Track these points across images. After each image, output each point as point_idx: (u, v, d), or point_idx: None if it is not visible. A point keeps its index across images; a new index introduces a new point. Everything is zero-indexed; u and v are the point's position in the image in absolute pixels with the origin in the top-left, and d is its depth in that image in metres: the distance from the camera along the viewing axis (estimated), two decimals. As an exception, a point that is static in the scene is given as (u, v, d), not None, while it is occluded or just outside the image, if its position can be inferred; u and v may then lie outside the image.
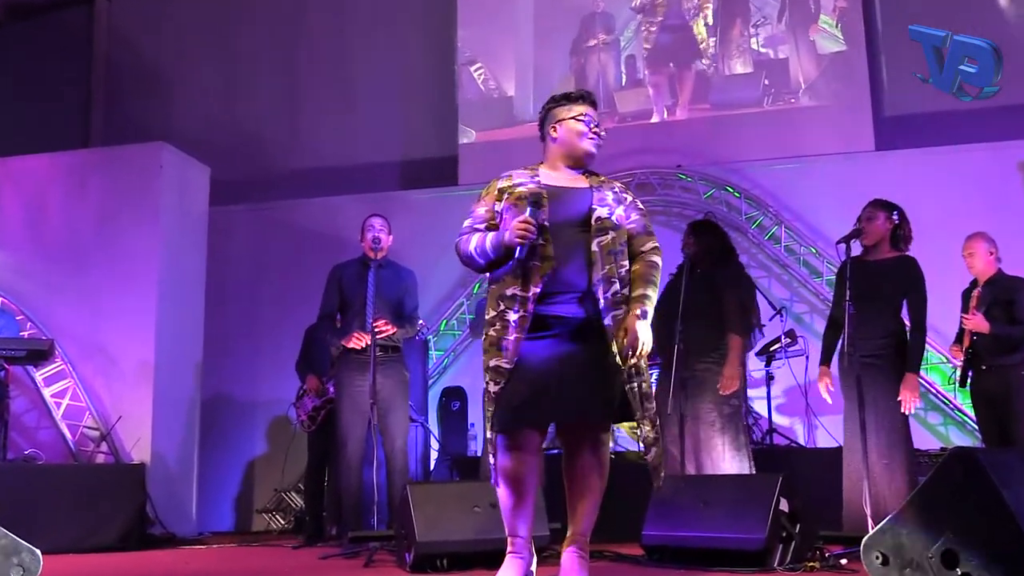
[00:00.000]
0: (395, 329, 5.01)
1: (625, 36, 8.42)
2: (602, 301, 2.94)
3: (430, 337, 7.65)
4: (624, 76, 8.36)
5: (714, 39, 8.12)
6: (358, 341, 4.95)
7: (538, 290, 2.94)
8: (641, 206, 3.18)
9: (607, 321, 2.94)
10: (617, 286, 2.97)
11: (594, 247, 2.98)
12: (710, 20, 8.16)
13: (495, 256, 3.01)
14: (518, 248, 2.93)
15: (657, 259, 3.10)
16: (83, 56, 9.53)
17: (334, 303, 5.23)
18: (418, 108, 8.69)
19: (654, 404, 3.00)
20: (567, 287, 2.96)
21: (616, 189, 3.13)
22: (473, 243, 3.06)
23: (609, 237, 3.00)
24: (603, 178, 3.17)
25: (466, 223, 3.13)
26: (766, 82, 7.89)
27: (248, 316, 8.18)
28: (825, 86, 7.67)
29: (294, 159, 8.81)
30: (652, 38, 8.32)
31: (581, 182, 3.12)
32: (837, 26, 7.74)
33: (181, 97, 9.11)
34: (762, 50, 8.05)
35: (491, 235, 3.03)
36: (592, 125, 3.15)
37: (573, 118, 3.15)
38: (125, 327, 6.43)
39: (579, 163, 3.15)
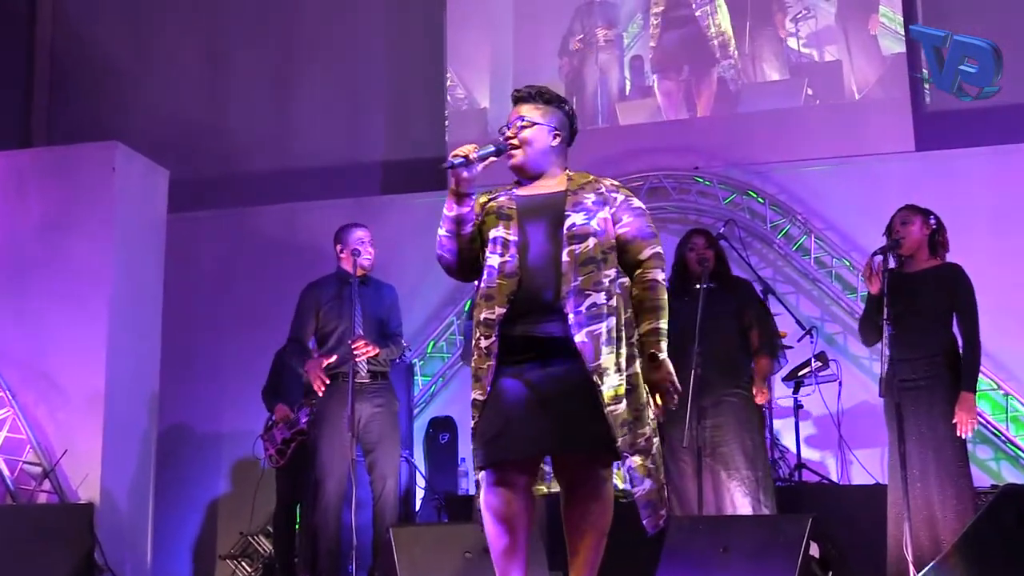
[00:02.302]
0: (377, 350, 5.03)
1: (630, 32, 8.11)
2: (572, 316, 2.95)
3: (415, 361, 7.65)
4: (629, 83, 8.08)
5: (742, 36, 7.81)
6: (320, 384, 4.93)
7: (504, 311, 3.00)
8: (638, 204, 3.17)
9: (581, 338, 2.94)
10: (598, 297, 2.97)
11: (564, 257, 3.00)
12: (736, 13, 7.84)
13: (452, 215, 3.08)
14: (450, 166, 3.01)
15: (657, 275, 3.08)
16: (24, 44, 9.54)
17: (308, 327, 5.22)
18: (404, 104, 8.71)
19: (647, 431, 2.99)
20: (536, 304, 3.01)
21: (603, 189, 3.14)
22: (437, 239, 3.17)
23: (586, 245, 3.01)
24: (590, 178, 3.18)
25: None
26: (809, 91, 7.71)
27: (211, 337, 8.17)
28: (871, 85, 7.56)
29: (263, 160, 8.82)
30: (663, 35, 7.94)
31: (558, 186, 3.15)
32: (902, 21, 7.45)
33: (136, 91, 9.12)
34: (804, 50, 7.77)
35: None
36: (503, 130, 3.18)
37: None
38: (72, 350, 6.42)
39: (527, 176, 3.20)
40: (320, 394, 4.95)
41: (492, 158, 3.10)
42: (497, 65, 8.33)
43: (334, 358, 4.96)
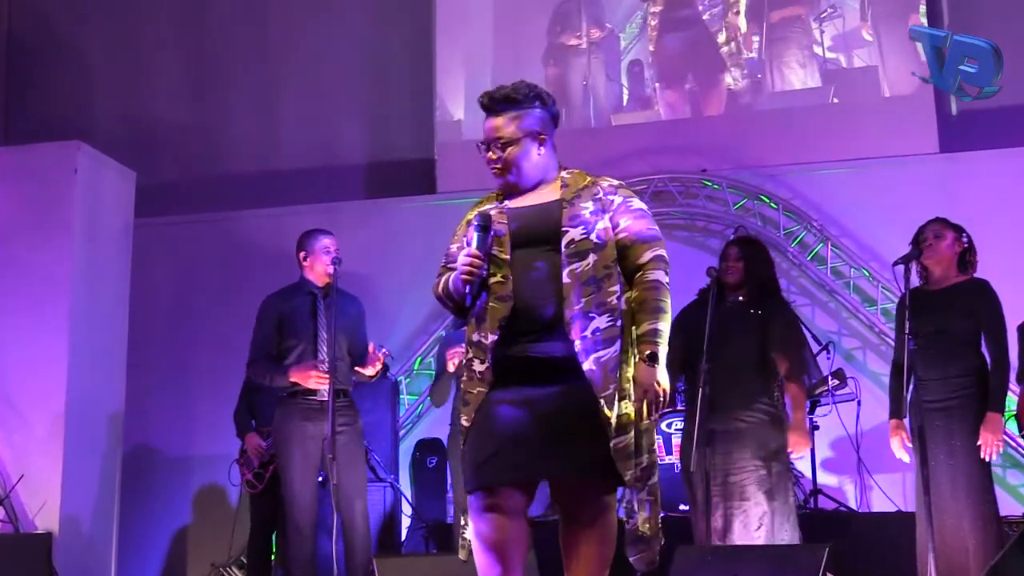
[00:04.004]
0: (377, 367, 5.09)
1: (628, 32, 8.00)
2: (579, 342, 2.94)
3: (401, 379, 7.64)
4: (626, 91, 7.96)
5: (757, 38, 7.72)
6: (319, 381, 4.92)
7: (495, 337, 2.99)
8: (638, 205, 3.13)
9: (589, 365, 2.94)
10: (602, 320, 2.96)
11: (565, 277, 2.98)
12: (751, 12, 7.71)
13: (458, 298, 3.08)
14: (467, 289, 3.00)
15: (659, 276, 3.03)
16: (-20, 36, 9.55)
17: (272, 343, 5.19)
18: (387, 100, 8.70)
19: (644, 460, 3.00)
20: (534, 324, 3.00)
21: (600, 193, 3.11)
22: (441, 285, 3.15)
23: (587, 263, 2.99)
24: (586, 181, 3.15)
25: (442, 264, 3.21)
26: (835, 100, 7.66)
27: (181, 353, 8.16)
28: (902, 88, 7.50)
29: (237, 161, 8.80)
30: (664, 38, 7.76)
31: (552, 194, 3.12)
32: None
33: (101, 88, 9.11)
34: (829, 55, 7.68)
35: (452, 275, 3.10)
36: (483, 150, 3.13)
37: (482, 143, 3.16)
38: (30, 367, 6.39)
39: (520, 193, 3.15)
40: (322, 385, 4.91)
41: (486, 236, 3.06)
42: (473, 74, 8.23)
43: (324, 363, 4.94)
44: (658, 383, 2.94)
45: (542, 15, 8.22)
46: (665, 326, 3.00)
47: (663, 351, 2.97)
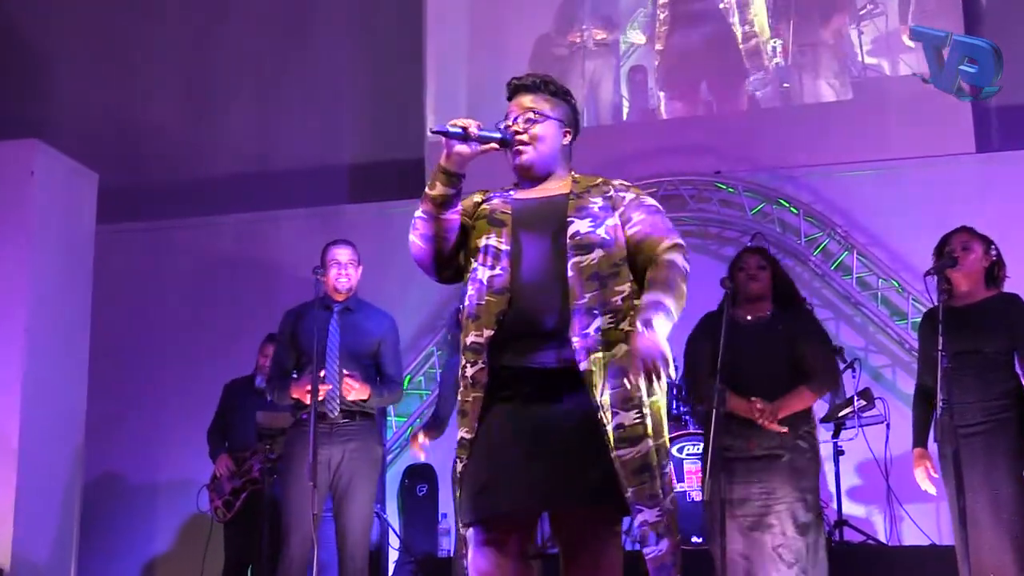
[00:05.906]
0: (368, 392, 5.02)
1: (629, 35, 7.93)
2: (578, 340, 2.91)
3: (388, 399, 7.61)
4: (627, 103, 7.91)
5: (780, 41, 7.66)
6: (305, 395, 4.89)
7: (491, 333, 2.97)
8: (651, 202, 3.15)
9: (586, 366, 2.90)
10: (602, 320, 2.93)
11: (570, 271, 2.97)
12: (777, 7, 7.63)
13: (434, 194, 3.05)
14: (442, 129, 2.98)
15: (676, 257, 2.98)
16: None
17: (288, 361, 5.18)
18: (373, 99, 8.71)
19: (666, 480, 2.94)
20: (530, 329, 2.97)
21: (611, 191, 3.14)
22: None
23: (592, 257, 2.98)
24: (598, 180, 3.18)
25: None
26: (864, 97, 7.64)
27: (148, 371, 8.13)
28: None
29: (210, 163, 8.80)
30: (673, 38, 7.70)
31: (561, 189, 3.15)
32: None
33: (62, 83, 9.10)
34: (868, 60, 7.64)
35: None
36: (507, 124, 3.15)
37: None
38: (-20, 387, 6.37)
39: (532, 178, 3.18)
40: (306, 401, 4.90)
41: (493, 144, 3.06)
42: (465, 77, 8.21)
43: (322, 373, 4.93)
44: (658, 345, 2.78)
45: (539, 18, 8.22)
46: (672, 304, 2.89)
47: (662, 322, 2.84)
